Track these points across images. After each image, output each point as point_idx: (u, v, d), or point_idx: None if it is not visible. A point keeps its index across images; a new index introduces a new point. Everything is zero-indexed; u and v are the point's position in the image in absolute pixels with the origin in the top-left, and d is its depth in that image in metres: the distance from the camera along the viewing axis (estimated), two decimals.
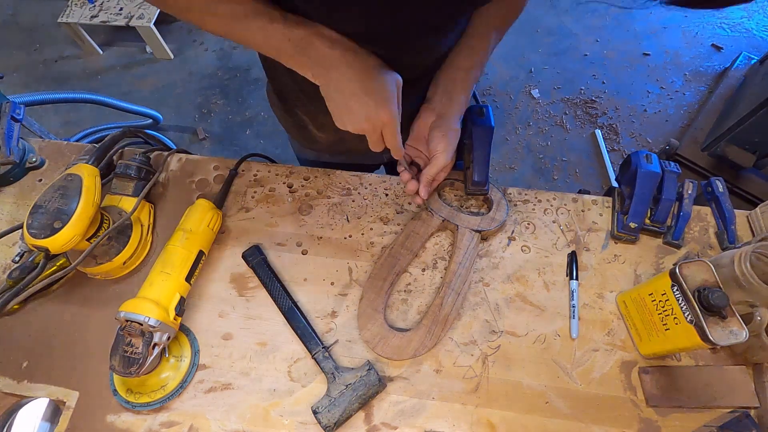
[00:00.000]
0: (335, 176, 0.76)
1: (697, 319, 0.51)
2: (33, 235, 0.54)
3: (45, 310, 0.66)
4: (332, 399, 0.57)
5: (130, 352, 0.53)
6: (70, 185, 0.58)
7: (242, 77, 2.32)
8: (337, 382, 0.58)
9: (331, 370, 0.59)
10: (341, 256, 0.69)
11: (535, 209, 0.74)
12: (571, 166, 1.90)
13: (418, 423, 0.59)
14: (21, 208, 0.74)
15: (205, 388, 0.61)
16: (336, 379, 0.58)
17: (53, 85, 2.34)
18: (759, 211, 0.70)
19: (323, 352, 0.60)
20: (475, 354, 0.63)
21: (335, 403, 0.57)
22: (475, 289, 0.67)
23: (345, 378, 0.58)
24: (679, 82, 2.09)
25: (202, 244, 0.65)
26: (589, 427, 0.58)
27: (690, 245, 0.70)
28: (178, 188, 0.76)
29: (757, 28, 2.24)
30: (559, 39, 2.24)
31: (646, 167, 0.68)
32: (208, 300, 0.66)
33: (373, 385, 0.58)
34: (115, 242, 0.64)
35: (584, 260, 0.69)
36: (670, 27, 2.26)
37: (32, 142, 0.80)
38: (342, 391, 0.57)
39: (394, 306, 0.66)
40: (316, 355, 0.60)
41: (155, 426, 0.58)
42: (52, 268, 0.66)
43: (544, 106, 2.05)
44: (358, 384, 0.57)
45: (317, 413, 0.56)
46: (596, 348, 0.63)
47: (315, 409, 0.57)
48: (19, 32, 2.52)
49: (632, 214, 0.68)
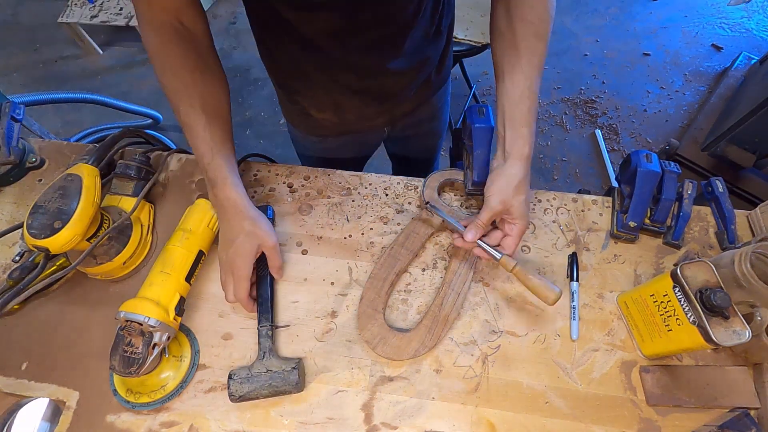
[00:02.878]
0: (335, 176, 0.76)
1: (699, 320, 0.51)
2: (33, 235, 0.54)
3: (45, 310, 0.66)
4: (251, 374, 0.58)
5: (130, 352, 0.53)
6: (70, 185, 0.58)
7: (242, 77, 2.32)
8: (263, 363, 0.59)
9: (265, 348, 0.60)
10: (341, 256, 0.69)
11: (535, 209, 0.73)
12: (571, 166, 1.90)
13: (418, 423, 0.58)
14: (21, 208, 0.74)
15: (205, 388, 0.61)
16: (264, 359, 0.59)
17: (53, 85, 2.34)
18: (759, 211, 0.70)
19: (268, 329, 0.61)
20: (475, 354, 0.62)
21: (250, 380, 0.57)
22: (475, 289, 0.67)
23: (271, 363, 0.59)
24: (679, 82, 2.09)
25: (202, 244, 0.65)
26: (589, 427, 0.58)
27: (690, 245, 0.70)
28: (178, 188, 0.76)
29: (757, 28, 2.24)
30: (559, 39, 2.24)
31: (646, 166, 0.68)
32: (208, 300, 0.66)
33: (290, 383, 0.57)
34: (115, 242, 0.64)
35: (584, 260, 0.69)
36: (670, 27, 2.26)
37: (32, 142, 0.80)
38: (261, 372, 0.58)
39: (394, 306, 0.66)
40: (261, 327, 0.62)
41: (155, 426, 0.58)
42: (52, 268, 0.66)
43: (544, 106, 2.05)
44: (276, 375, 0.58)
45: (231, 379, 0.57)
46: (596, 348, 0.63)
47: (231, 374, 0.58)
48: (19, 32, 2.52)
49: (632, 213, 0.68)
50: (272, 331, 0.62)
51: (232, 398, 0.57)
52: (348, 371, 0.62)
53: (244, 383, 0.57)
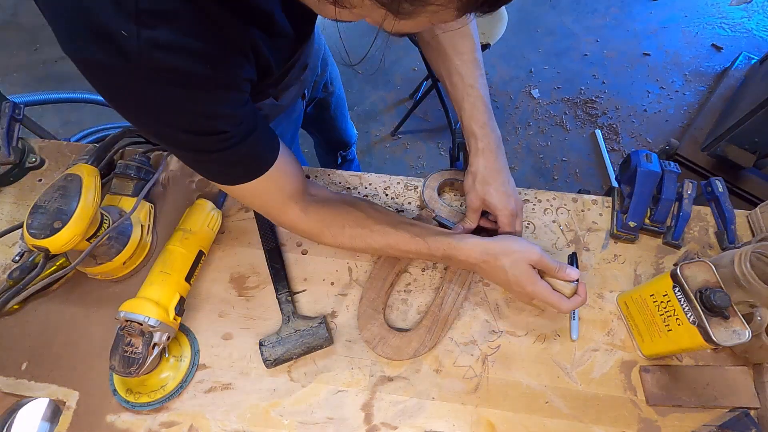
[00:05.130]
0: (335, 176, 0.76)
1: (699, 320, 0.51)
2: (33, 235, 0.54)
3: (45, 310, 0.66)
4: (280, 338, 0.60)
5: (130, 352, 0.53)
6: (70, 185, 0.58)
7: None
8: (290, 325, 0.61)
9: (288, 313, 0.63)
10: (341, 256, 0.69)
11: (535, 209, 0.73)
12: (571, 166, 1.90)
13: (418, 423, 0.58)
14: (21, 208, 0.74)
15: (205, 388, 0.61)
16: (290, 322, 0.62)
17: (53, 85, 2.34)
18: (759, 211, 0.70)
19: (287, 295, 0.64)
20: (475, 354, 0.62)
21: (281, 342, 0.60)
22: (475, 289, 0.67)
23: (297, 323, 0.62)
24: (679, 82, 2.09)
25: (202, 244, 0.65)
26: (589, 427, 0.58)
27: (690, 245, 0.70)
28: (178, 188, 0.76)
29: (757, 28, 2.24)
30: (559, 39, 2.24)
31: (646, 166, 0.68)
32: (208, 300, 0.66)
33: (320, 337, 0.60)
34: (115, 242, 0.64)
35: (584, 260, 0.69)
36: (670, 27, 2.26)
37: (32, 142, 0.80)
38: (291, 333, 0.60)
39: (394, 306, 0.66)
40: (280, 295, 0.64)
41: (155, 426, 0.58)
42: (52, 268, 0.66)
43: (544, 106, 2.05)
44: (306, 332, 0.60)
45: (263, 345, 0.59)
46: (596, 348, 0.63)
47: (261, 342, 0.60)
48: (19, 32, 2.52)
49: (632, 213, 0.68)
50: (291, 296, 0.64)
51: (267, 363, 0.59)
52: (348, 371, 0.62)
53: (276, 347, 0.59)
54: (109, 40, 0.35)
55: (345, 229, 0.59)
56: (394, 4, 0.29)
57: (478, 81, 0.62)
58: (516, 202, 0.63)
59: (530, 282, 0.56)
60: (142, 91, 0.39)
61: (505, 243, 0.58)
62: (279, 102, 0.68)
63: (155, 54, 0.36)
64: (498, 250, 0.57)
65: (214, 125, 0.44)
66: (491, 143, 0.62)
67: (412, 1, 0.28)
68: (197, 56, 0.38)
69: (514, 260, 0.56)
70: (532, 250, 0.57)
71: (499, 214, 0.62)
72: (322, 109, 1.05)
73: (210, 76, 0.40)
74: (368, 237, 0.59)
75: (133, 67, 0.36)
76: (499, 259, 0.57)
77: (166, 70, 0.38)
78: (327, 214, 0.60)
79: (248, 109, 0.47)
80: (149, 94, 0.40)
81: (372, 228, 0.59)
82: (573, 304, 0.56)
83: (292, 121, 0.86)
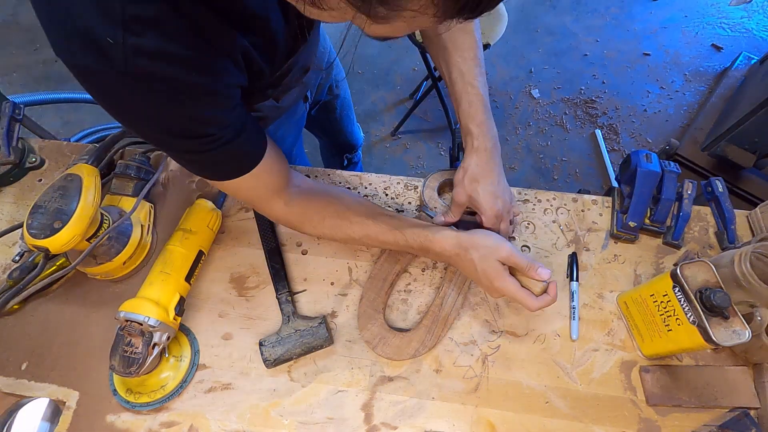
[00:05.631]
0: (335, 176, 0.76)
1: (699, 320, 0.51)
2: (33, 235, 0.54)
3: (45, 310, 0.66)
4: (280, 338, 0.60)
5: (130, 352, 0.53)
6: (70, 185, 0.58)
7: None
8: (290, 325, 0.62)
9: (288, 313, 0.63)
10: (341, 256, 0.69)
11: (535, 209, 0.73)
12: (571, 166, 1.90)
13: (418, 423, 0.58)
14: (21, 208, 0.74)
15: (205, 388, 0.61)
16: (290, 322, 0.62)
17: (53, 85, 2.33)
18: (759, 211, 0.70)
19: (287, 295, 0.64)
20: (475, 354, 0.62)
21: (281, 342, 0.60)
22: (475, 289, 0.67)
23: (297, 323, 0.62)
24: (679, 82, 2.09)
25: (202, 244, 0.65)
26: (589, 427, 0.58)
27: (690, 245, 0.70)
28: (178, 188, 0.76)
29: (757, 28, 2.24)
30: (559, 39, 2.24)
31: (646, 166, 0.68)
32: (208, 300, 0.66)
33: (320, 337, 0.60)
34: (115, 242, 0.64)
35: (584, 260, 0.69)
36: (670, 27, 2.26)
37: (32, 142, 0.80)
38: (291, 333, 0.61)
39: (394, 306, 0.66)
40: (280, 295, 0.64)
41: (155, 426, 0.58)
42: (52, 268, 0.66)
43: (544, 106, 2.05)
44: (305, 332, 0.60)
45: (263, 345, 0.59)
46: (596, 348, 0.63)
47: (261, 342, 0.60)
48: (19, 32, 2.52)
49: (632, 212, 0.68)
50: (291, 296, 0.64)
51: (267, 363, 0.59)
52: (348, 371, 0.62)
53: (276, 347, 0.59)
54: (96, 47, 0.35)
55: (325, 221, 0.61)
56: (367, 8, 0.28)
57: (478, 79, 0.63)
58: (503, 203, 0.63)
59: (497, 277, 0.56)
60: (129, 97, 0.40)
61: (477, 237, 0.59)
62: (280, 104, 0.69)
63: (140, 61, 0.36)
64: (468, 243, 0.58)
65: (200, 129, 0.44)
66: (486, 142, 0.62)
67: (387, 6, 0.28)
68: (183, 63, 0.39)
69: (483, 255, 0.57)
70: (502, 246, 0.57)
71: (484, 215, 0.62)
72: (328, 111, 1.05)
73: (196, 83, 0.41)
74: (347, 228, 0.61)
75: (119, 73, 0.37)
76: (469, 252, 0.58)
77: (151, 77, 0.38)
78: (309, 207, 0.61)
79: (236, 113, 0.48)
80: (136, 100, 0.40)
81: (351, 219, 0.60)
82: (541, 302, 0.56)
83: (294, 123, 0.86)
